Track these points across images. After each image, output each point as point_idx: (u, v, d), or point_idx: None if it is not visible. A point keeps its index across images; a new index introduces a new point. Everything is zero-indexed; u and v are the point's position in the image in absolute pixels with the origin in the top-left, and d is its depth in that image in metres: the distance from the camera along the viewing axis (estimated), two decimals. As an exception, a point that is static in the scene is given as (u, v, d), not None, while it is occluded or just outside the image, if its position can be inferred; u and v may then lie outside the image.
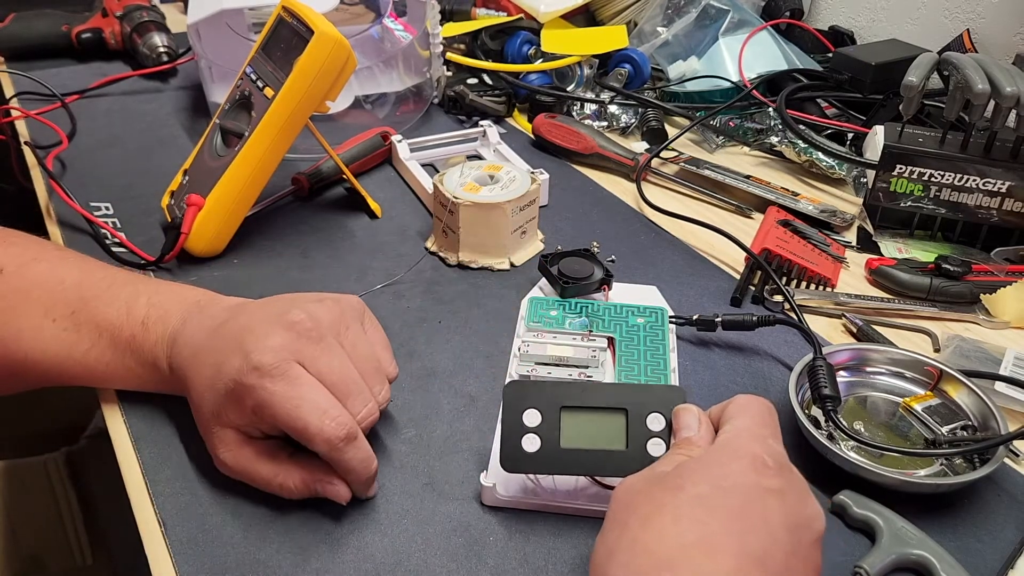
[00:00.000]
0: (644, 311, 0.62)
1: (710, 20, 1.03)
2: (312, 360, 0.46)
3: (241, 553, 0.45)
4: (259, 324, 0.47)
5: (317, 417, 0.44)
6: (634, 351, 0.58)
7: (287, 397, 0.44)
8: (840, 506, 0.47)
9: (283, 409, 0.44)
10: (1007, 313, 0.66)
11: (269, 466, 0.47)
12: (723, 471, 0.37)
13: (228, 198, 0.69)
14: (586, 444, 0.45)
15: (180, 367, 0.49)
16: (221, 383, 0.46)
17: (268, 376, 0.44)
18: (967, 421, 0.53)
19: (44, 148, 0.86)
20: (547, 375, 0.55)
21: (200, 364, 0.48)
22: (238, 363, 0.45)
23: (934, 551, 0.44)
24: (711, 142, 0.94)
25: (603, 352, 0.57)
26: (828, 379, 0.53)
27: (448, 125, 0.97)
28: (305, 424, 0.44)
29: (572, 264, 0.64)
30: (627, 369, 0.57)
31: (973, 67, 0.69)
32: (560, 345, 0.57)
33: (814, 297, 0.67)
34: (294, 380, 0.45)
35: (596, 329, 0.60)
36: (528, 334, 0.58)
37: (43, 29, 1.14)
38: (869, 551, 0.45)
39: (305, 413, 0.44)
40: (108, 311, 0.52)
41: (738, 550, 0.34)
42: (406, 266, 0.70)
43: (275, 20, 0.72)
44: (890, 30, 1.10)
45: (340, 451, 0.45)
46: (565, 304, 0.62)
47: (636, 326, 0.60)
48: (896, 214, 0.76)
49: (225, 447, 0.47)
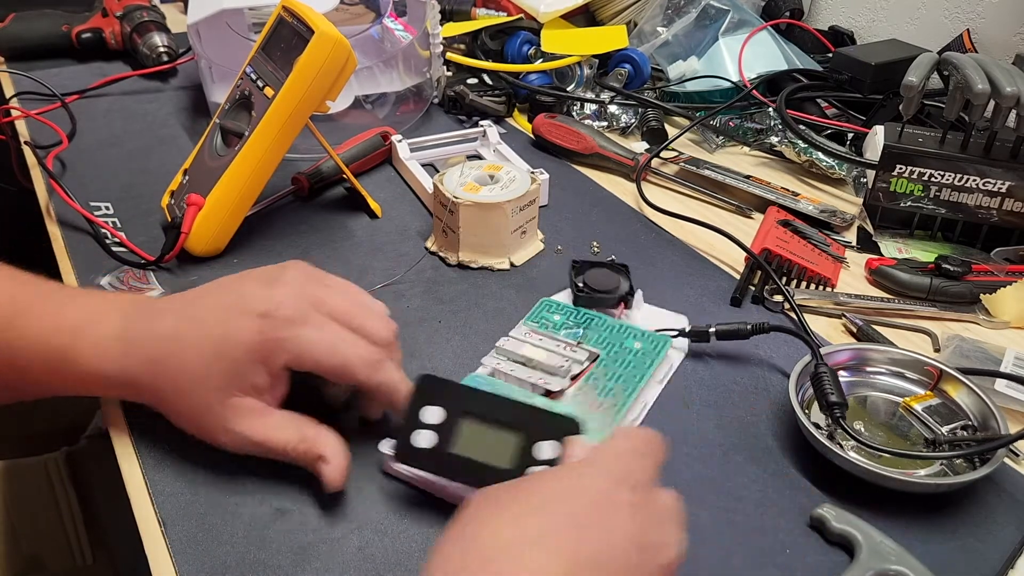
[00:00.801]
0: (647, 337, 0.59)
1: (710, 20, 1.03)
2: (321, 303, 0.48)
3: (241, 553, 0.45)
4: (251, 288, 0.48)
5: (353, 349, 0.47)
6: (610, 373, 0.56)
7: (320, 339, 0.47)
8: (819, 520, 0.47)
9: (321, 351, 0.46)
10: (1007, 313, 0.66)
11: (287, 432, 0.48)
12: (577, 480, 0.37)
13: (228, 198, 0.69)
14: (475, 455, 0.45)
15: (150, 359, 0.48)
16: (237, 350, 0.46)
17: (299, 324, 0.46)
18: (967, 421, 0.53)
19: (44, 148, 0.86)
20: (510, 372, 0.55)
21: (188, 345, 0.47)
22: (252, 325, 0.46)
23: (913, 567, 0.44)
24: (711, 142, 0.94)
25: (577, 365, 0.56)
26: (833, 385, 0.52)
27: (448, 125, 0.97)
28: (345, 358, 0.47)
29: (599, 275, 0.64)
30: (587, 390, 0.54)
31: (973, 67, 0.69)
32: (537, 348, 0.57)
33: (814, 297, 0.67)
34: (320, 323, 0.47)
35: (587, 343, 0.58)
36: (519, 331, 0.59)
37: (43, 29, 1.14)
38: (848, 567, 0.45)
39: (343, 349, 0.47)
40: (39, 324, 0.50)
41: (572, 553, 0.34)
42: (406, 266, 0.70)
43: (275, 20, 0.72)
44: (890, 30, 1.10)
45: (380, 372, 0.47)
46: (574, 312, 0.62)
47: (630, 350, 0.58)
48: (896, 214, 0.76)
49: (244, 417, 0.47)
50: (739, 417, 0.55)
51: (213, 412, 0.47)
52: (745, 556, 0.46)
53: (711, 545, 0.46)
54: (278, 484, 0.49)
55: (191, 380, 0.47)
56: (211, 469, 0.50)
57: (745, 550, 0.46)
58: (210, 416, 0.48)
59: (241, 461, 0.50)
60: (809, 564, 0.45)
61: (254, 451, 0.48)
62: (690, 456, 0.52)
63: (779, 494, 0.50)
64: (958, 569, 0.45)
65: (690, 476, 0.51)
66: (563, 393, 0.54)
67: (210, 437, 0.48)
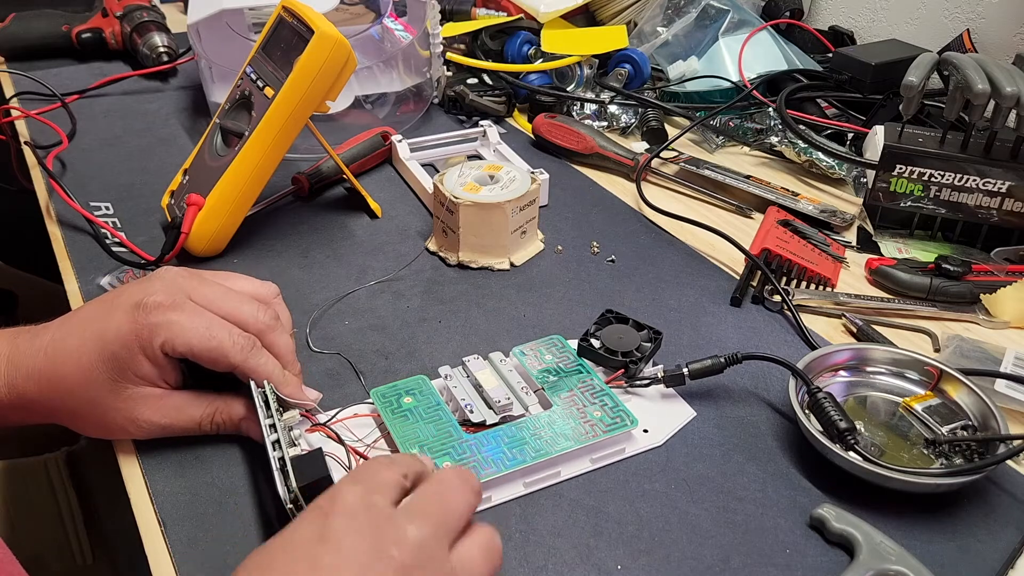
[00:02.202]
0: (613, 410, 0.52)
1: (710, 20, 1.03)
2: (194, 291, 0.49)
3: (241, 553, 0.45)
4: (125, 288, 0.50)
5: (224, 334, 0.48)
6: (539, 429, 0.51)
7: (193, 324, 0.47)
8: (819, 520, 0.47)
9: (193, 335, 0.47)
10: (1007, 313, 0.66)
11: (199, 408, 0.50)
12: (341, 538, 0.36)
13: (228, 198, 0.69)
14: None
15: (34, 374, 0.48)
16: (115, 343, 0.47)
17: (170, 309, 0.47)
18: (967, 421, 0.53)
19: (44, 148, 0.86)
20: (454, 388, 0.53)
21: (69, 350, 0.48)
22: (126, 316, 0.47)
23: (913, 567, 0.44)
24: (711, 142, 0.94)
25: (518, 407, 0.52)
26: (837, 410, 0.51)
27: (448, 125, 0.97)
28: (218, 342, 0.48)
29: (616, 333, 0.58)
30: (507, 431, 0.51)
31: (973, 67, 0.69)
32: (493, 376, 0.54)
33: (814, 297, 0.67)
34: (193, 310, 0.48)
35: (553, 392, 0.54)
36: (497, 355, 0.56)
37: (43, 29, 1.14)
38: (847, 567, 0.45)
39: (216, 332, 0.48)
40: None
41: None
42: (405, 266, 0.70)
43: (275, 20, 0.72)
44: (890, 30, 1.10)
45: (253, 356, 0.49)
46: (569, 358, 0.57)
47: (592, 420, 0.51)
48: (896, 214, 0.76)
49: (146, 404, 0.49)
50: (739, 417, 0.55)
51: (113, 407, 0.48)
52: (745, 556, 0.46)
53: (711, 545, 0.46)
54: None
55: (78, 383, 0.48)
56: (211, 469, 0.50)
57: (745, 550, 0.46)
58: (112, 412, 0.49)
59: (241, 462, 0.51)
60: (809, 564, 0.45)
61: (167, 433, 0.50)
62: (690, 456, 0.52)
63: (779, 494, 0.50)
64: (958, 569, 0.45)
65: (690, 476, 0.51)
66: (481, 425, 0.51)
67: (122, 432, 0.50)
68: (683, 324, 0.64)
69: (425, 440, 0.50)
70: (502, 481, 0.49)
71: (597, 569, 0.45)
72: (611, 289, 0.68)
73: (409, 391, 0.53)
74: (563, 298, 0.67)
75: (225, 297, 0.50)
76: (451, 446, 0.49)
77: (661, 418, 0.55)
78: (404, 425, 0.51)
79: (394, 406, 0.52)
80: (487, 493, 0.48)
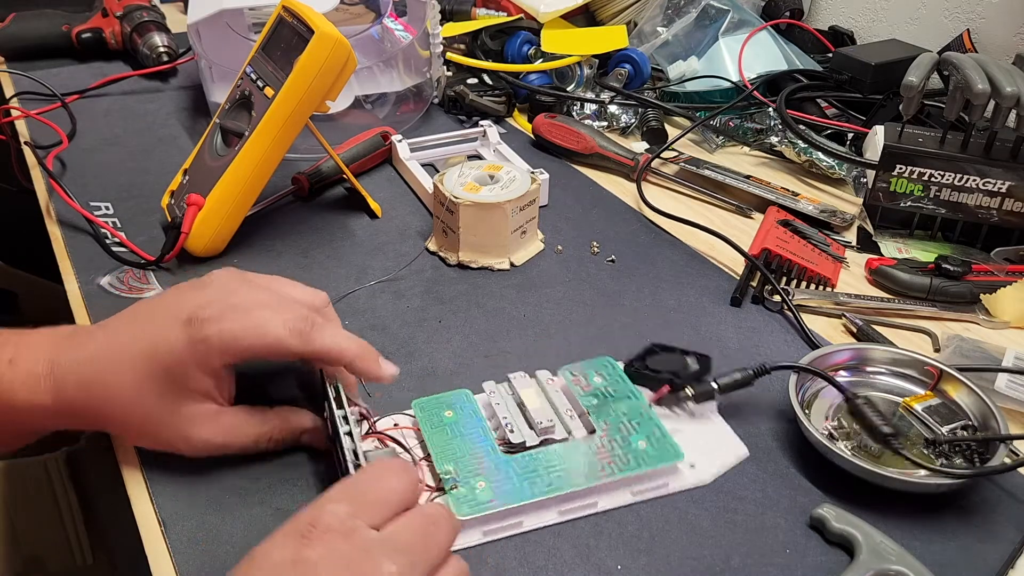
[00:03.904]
0: (656, 440, 0.50)
1: (710, 20, 1.03)
2: (244, 294, 0.48)
3: (241, 553, 0.45)
4: (174, 296, 0.49)
5: (280, 325, 0.46)
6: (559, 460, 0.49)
7: (246, 325, 0.46)
8: (819, 520, 0.47)
9: (249, 335, 0.46)
10: (1007, 313, 0.66)
11: (255, 428, 0.49)
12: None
13: (228, 198, 0.69)
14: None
15: (82, 383, 0.47)
16: (169, 358, 0.46)
17: (220, 320, 0.46)
18: (967, 421, 0.53)
19: (44, 148, 0.86)
20: (496, 404, 0.52)
21: (118, 362, 0.47)
22: (179, 332, 0.46)
23: (913, 567, 0.44)
24: (711, 142, 0.94)
25: (561, 431, 0.51)
26: (878, 415, 0.50)
27: (448, 125, 0.97)
28: (276, 335, 0.46)
29: (666, 359, 0.57)
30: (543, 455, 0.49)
31: (973, 67, 0.69)
32: (539, 396, 0.53)
33: (814, 297, 0.67)
34: (243, 311, 0.47)
35: (598, 417, 0.52)
36: (544, 373, 0.55)
37: (43, 29, 1.14)
38: (847, 567, 0.44)
39: (270, 328, 0.46)
40: None
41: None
42: (405, 266, 0.70)
43: (275, 20, 0.72)
44: (890, 30, 1.10)
45: (313, 337, 0.47)
46: (618, 381, 0.54)
47: (630, 444, 0.50)
48: (896, 214, 0.76)
49: (201, 424, 0.48)
50: (739, 417, 0.55)
51: (165, 424, 0.47)
52: (745, 556, 0.46)
53: (711, 545, 0.46)
54: (278, 484, 0.49)
55: (131, 399, 0.47)
56: (211, 469, 0.50)
57: (745, 550, 0.46)
58: (164, 428, 0.48)
59: (241, 461, 0.51)
60: (809, 564, 0.45)
61: (222, 452, 0.49)
62: (690, 456, 0.52)
63: (779, 494, 0.50)
64: (958, 569, 0.45)
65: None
66: (521, 447, 0.50)
67: (171, 447, 0.49)
68: (683, 324, 0.64)
69: (461, 456, 0.49)
70: (533, 508, 0.47)
71: (597, 569, 0.45)
72: (611, 289, 0.68)
73: (451, 405, 0.52)
74: (563, 298, 0.67)
75: (272, 286, 0.50)
76: (487, 466, 0.48)
77: (710, 454, 0.52)
78: (442, 439, 0.50)
79: (434, 420, 0.51)
80: (519, 518, 0.47)
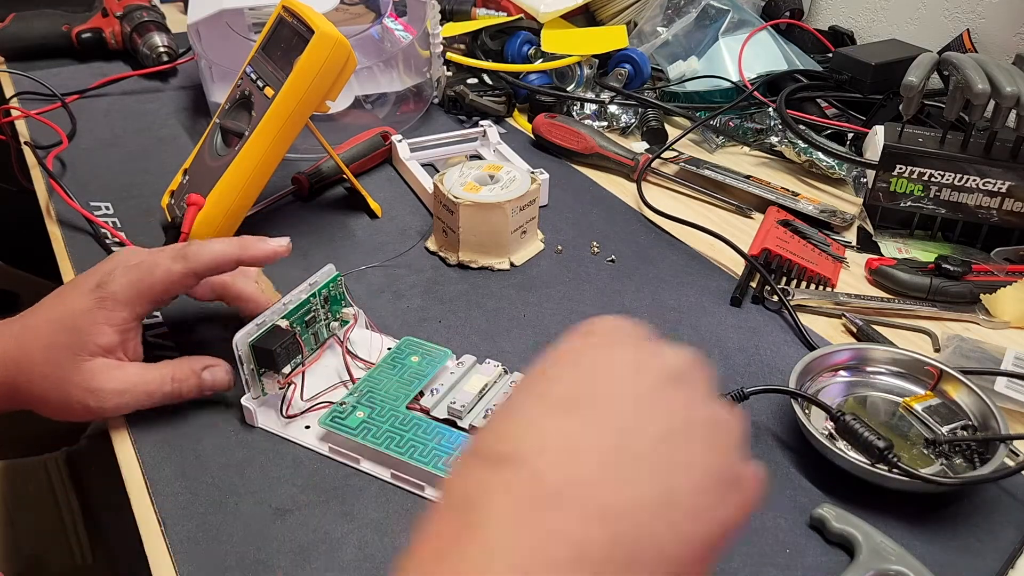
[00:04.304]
0: None
1: (710, 20, 1.03)
2: (140, 258, 0.53)
3: (241, 553, 0.45)
4: (87, 272, 0.53)
5: (164, 258, 0.52)
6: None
7: (141, 272, 0.51)
8: (819, 520, 0.47)
9: (144, 277, 0.51)
10: (1007, 313, 0.66)
11: (156, 371, 0.52)
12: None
13: (228, 198, 0.69)
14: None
15: (3, 360, 0.51)
16: (78, 318, 0.50)
17: (123, 276, 0.51)
18: (967, 421, 0.53)
19: (44, 148, 0.86)
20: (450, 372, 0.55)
21: (35, 332, 0.51)
22: (90, 294, 0.51)
23: (913, 567, 0.44)
24: (711, 142, 0.94)
25: (457, 414, 0.51)
26: (870, 431, 0.50)
27: (448, 125, 0.97)
28: (163, 266, 0.51)
29: None
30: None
31: (973, 67, 0.69)
32: (477, 386, 0.53)
33: (814, 297, 0.67)
34: (136, 265, 0.52)
35: None
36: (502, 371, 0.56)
37: (43, 29, 1.14)
38: (847, 567, 0.45)
39: (157, 262, 0.52)
40: None
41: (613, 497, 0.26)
42: (406, 266, 0.70)
43: (275, 20, 0.72)
44: (890, 30, 1.10)
45: (192, 255, 0.52)
46: None
47: None
48: (896, 214, 0.76)
49: (104, 375, 0.51)
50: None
51: (73, 382, 0.50)
52: (745, 556, 0.46)
53: (711, 545, 0.46)
54: (278, 484, 0.49)
55: (42, 361, 0.50)
56: (211, 469, 0.50)
57: (745, 550, 0.46)
58: (72, 388, 0.50)
59: (241, 461, 0.51)
60: (809, 564, 0.45)
61: (128, 404, 0.51)
62: (690, 456, 0.52)
63: (779, 494, 0.50)
64: (958, 569, 0.45)
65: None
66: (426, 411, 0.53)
67: (83, 409, 0.51)
68: (683, 324, 0.64)
69: (375, 389, 0.54)
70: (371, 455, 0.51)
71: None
72: (611, 289, 0.68)
73: (424, 355, 0.57)
74: (563, 298, 0.67)
75: (168, 249, 0.54)
76: (382, 408, 0.52)
77: None
78: (385, 371, 0.55)
79: (399, 356, 0.57)
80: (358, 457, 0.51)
